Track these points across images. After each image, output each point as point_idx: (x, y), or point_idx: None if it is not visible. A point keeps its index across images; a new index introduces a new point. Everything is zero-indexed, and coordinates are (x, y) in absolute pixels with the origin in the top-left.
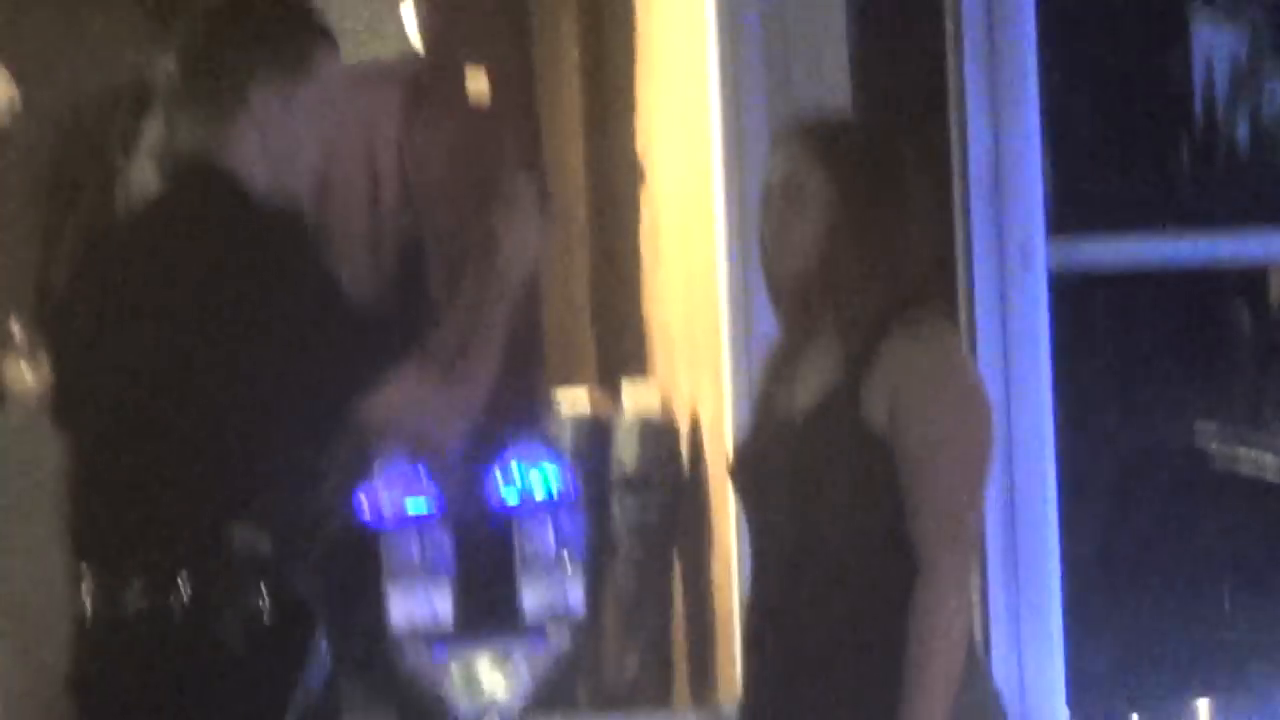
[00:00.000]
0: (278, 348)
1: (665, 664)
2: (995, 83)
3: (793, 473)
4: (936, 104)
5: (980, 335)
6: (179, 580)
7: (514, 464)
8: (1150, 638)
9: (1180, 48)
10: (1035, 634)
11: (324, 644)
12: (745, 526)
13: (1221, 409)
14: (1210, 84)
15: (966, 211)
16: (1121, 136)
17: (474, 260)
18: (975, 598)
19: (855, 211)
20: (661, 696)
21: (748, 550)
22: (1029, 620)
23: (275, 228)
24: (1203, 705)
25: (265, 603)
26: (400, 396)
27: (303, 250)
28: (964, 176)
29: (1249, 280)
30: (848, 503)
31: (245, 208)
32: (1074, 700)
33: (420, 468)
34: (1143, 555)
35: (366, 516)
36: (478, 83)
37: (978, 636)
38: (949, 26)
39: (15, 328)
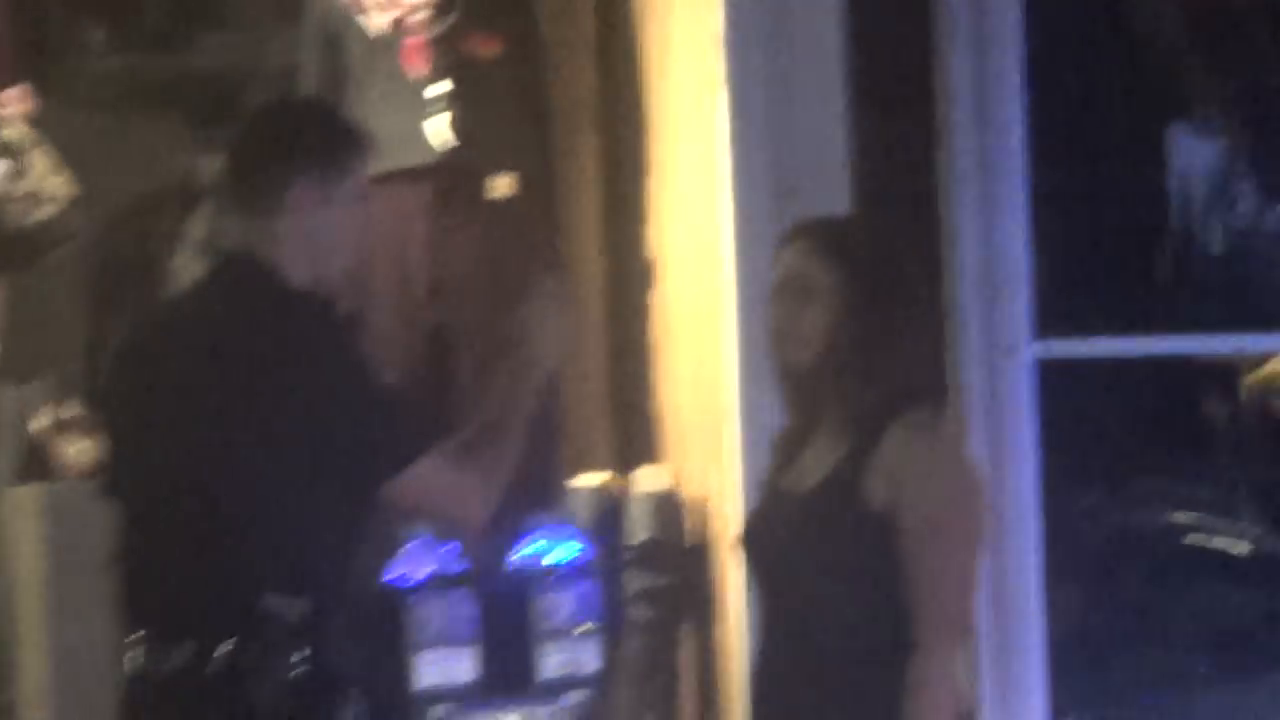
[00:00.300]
0: (313, 429)
1: None
2: (987, 192)
3: (797, 547)
4: (932, 209)
5: (973, 425)
6: (220, 644)
7: (535, 538)
8: (1132, 710)
9: (1158, 161)
10: (1022, 708)
11: (355, 707)
12: (751, 597)
13: (1196, 495)
14: (1186, 194)
15: (960, 310)
16: (1105, 243)
17: (502, 354)
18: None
19: (858, 307)
20: None
21: (753, 620)
22: (1015, 695)
23: (311, 316)
24: None
25: (299, 667)
26: (430, 479)
27: (337, 338)
28: (957, 278)
29: (1222, 376)
30: (848, 579)
31: (283, 297)
32: None
33: (448, 541)
34: (1121, 631)
35: (397, 586)
36: (502, 187)
37: (971, 709)
38: (943, 138)
39: (69, 409)
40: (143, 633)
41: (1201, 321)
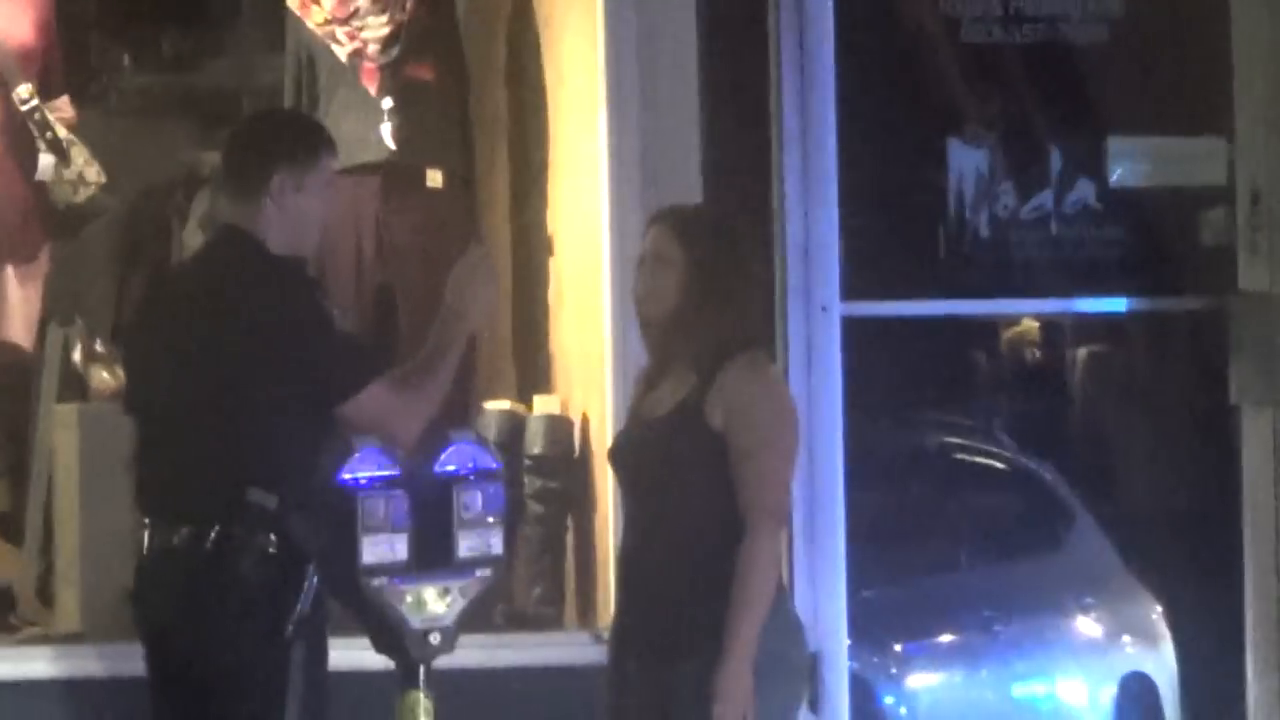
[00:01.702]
0: (285, 362)
1: (559, 595)
2: (808, 185)
3: (654, 459)
4: (765, 199)
5: (792, 365)
6: (213, 527)
7: (454, 448)
8: (911, 587)
9: (940, 163)
10: (825, 579)
11: (314, 575)
12: (619, 496)
13: (964, 423)
14: (961, 190)
15: (784, 277)
16: (898, 225)
17: (436, 307)
18: (783, 551)
19: (702, 274)
20: (556, 619)
21: (620, 513)
22: (821, 569)
23: (286, 275)
24: (947, 636)
25: (272, 545)
26: (375, 402)
27: (306, 291)
28: (783, 251)
29: (986, 332)
30: (693, 482)
31: (264, 261)
32: (852, 630)
33: (388, 450)
34: (904, 524)
35: (349, 485)
36: (435, 179)
37: (785, 581)
38: (774, 142)
39: (99, 345)
40: (153, 518)
41: (972, 289)
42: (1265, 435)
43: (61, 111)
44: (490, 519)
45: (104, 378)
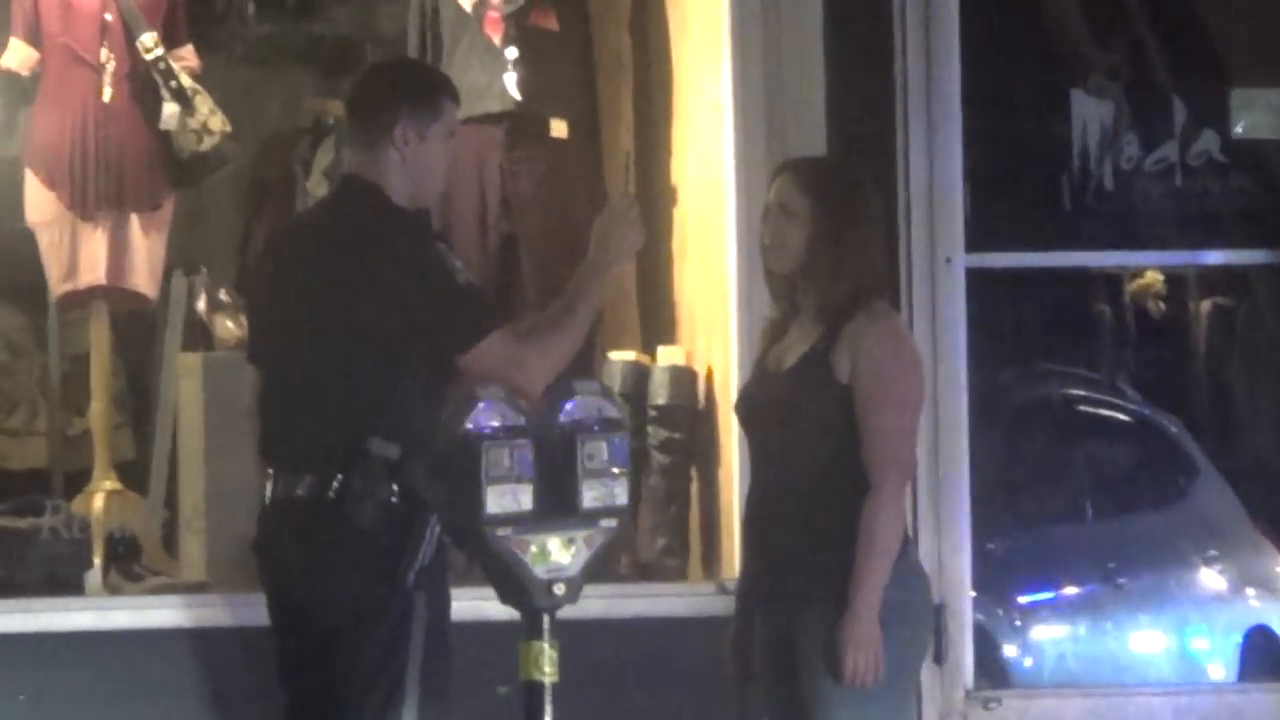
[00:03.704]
0: (407, 311)
1: (684, 546)
2: (931, 136)
3: (780, 411)
4: (888, 150)
5: (917, 317)
6: (334, 476)
7: (579, 398)
8: (1034, 539)
9: (1064, 114)
10: (950, 531)
11: (435, 525)
12: (744, 448)
13: (1089, 375)
14: (1085, 141)
15: (909, 228)
16: (1022, 177)
17: (565, 256)
18: (908, 503)
19: (828, 226)
20: (680, 570)
21: (745, 464)
22: (946, 521)
23: (409, 225)
24: (1071, 588)
25: (394, 494)
26: (498, 353)
27: (429, 241)
28: (907, 204)
29: (1110, 284)
30: (819, 434)
31: (388, 210)
32: (977, 582)
33: (512, 400)
34: (1029, 477)
35: (473, 433)
36: (559, 128)
37: (910, 533)
38: (898, 93)
39: (223, 294)
40: (277, 468)
41: (1096, 241)
42: None
43: (186, 60)
44: (615, 469)
45: (228, 327)
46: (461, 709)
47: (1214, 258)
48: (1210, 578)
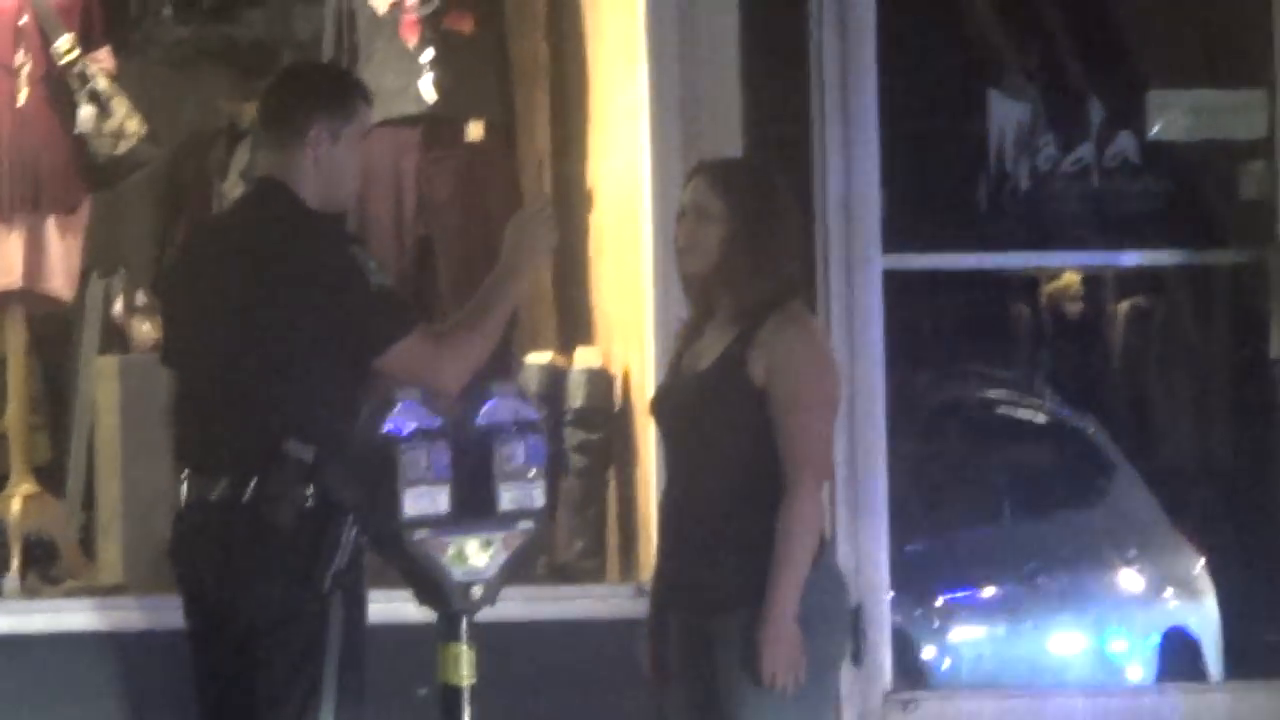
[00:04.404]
0: (323, 314)
1: (601, 548)
2: (847, 137)
3: (696, 413)
4: (805, 152)
5: (834, 318)
6: (250, 479)
7: (496, 400)
8: (952, 540)
9: (980, 115)
10: (868, 533)
11: (353, 528)
12: (661, 450)
13: (1006, 376)
14: (1001, 142)
15: (825, 230)
16: (939, 178)
17: (481, 258)
18: (826, 505)
19: (744, 227)
20: (597, 572)
21: (662, 466)
22: (864, 522)
23: (323, 227)
24: (989, 589)
25: (310, 497)
26: (414, 354)
27: (343, 244)
28: (824, 205)
29: (1027, 285)
30: (735, 436)
31: (302, 213)
32: (895, 583)
33: (429, 401)
34: (947, 478)
35: (389, 436)
36: (474, 131)
37: (827, 534)
38: (814, 95)
39: (140, 296)
40: (192, 470)
41: (1013, 242)
42: None
43: (102, 62)
44: (532, 471)
45: (145, 329)
46: (380, 712)
47: (1131, 259)
48: (1128, 578)
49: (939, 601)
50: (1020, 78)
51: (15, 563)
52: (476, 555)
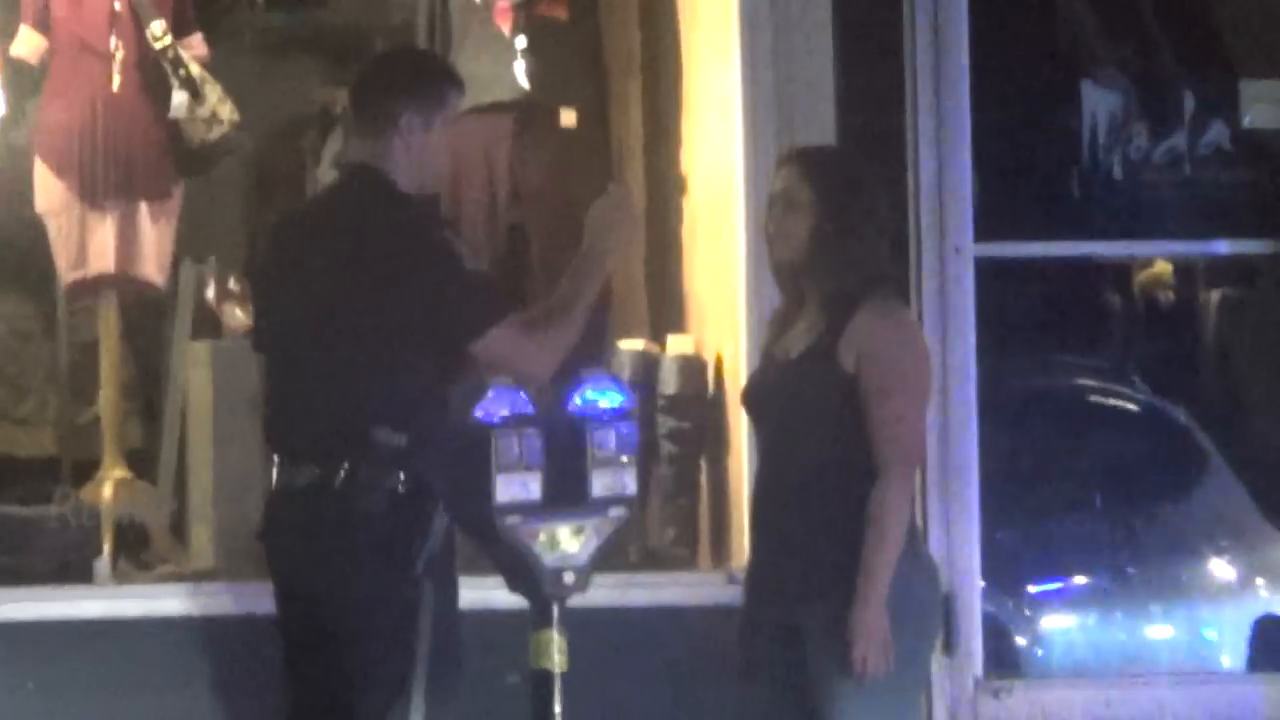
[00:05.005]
0: (414, 299)
1: (692, 535)
2: (940, 126)
3: (787, 402)
4: (898, 141)
5: (926, 307)
6: (341, 465)
7: (588, 387)
8: (1044, 529)
9: (1073, 105)
10: (959, 521)
11: (444, 515)
12: (753, 438)
13: (1099, 365)
14: (1094, 132)
15: (918, 218)
16: (1032, 167)
17: (571, 247)
18: (917, 493)
19: (833, 217)
20: (689, 559)
21: (754, 454)
22: (955, 511)
23: (415, 212)
24: (1080, 578)
25: (400, 483)
26: (505, 342)
27: (435, 230)
28: (916, 194)
29: (1119, 274)
30: (826, 424)
31: (394, 199)
32: (986, 572)
33: (521, 389)
34: (1037, 467)
35: (481, 422)
36: (568, 118)
37: (918, 523)
38: (908, 84)
39: (232, 282)
40: (282, 456)
41: (1105, 231)
42: None
43: (194, 49)
44: (624, 458)
45: (237, 315)
46: (471, 699)
47: (1222, 248)
48: (1219, 568)
49: (1030, 591)
50: (1113, 67)
51: (107, 548)
52: (568, 541)
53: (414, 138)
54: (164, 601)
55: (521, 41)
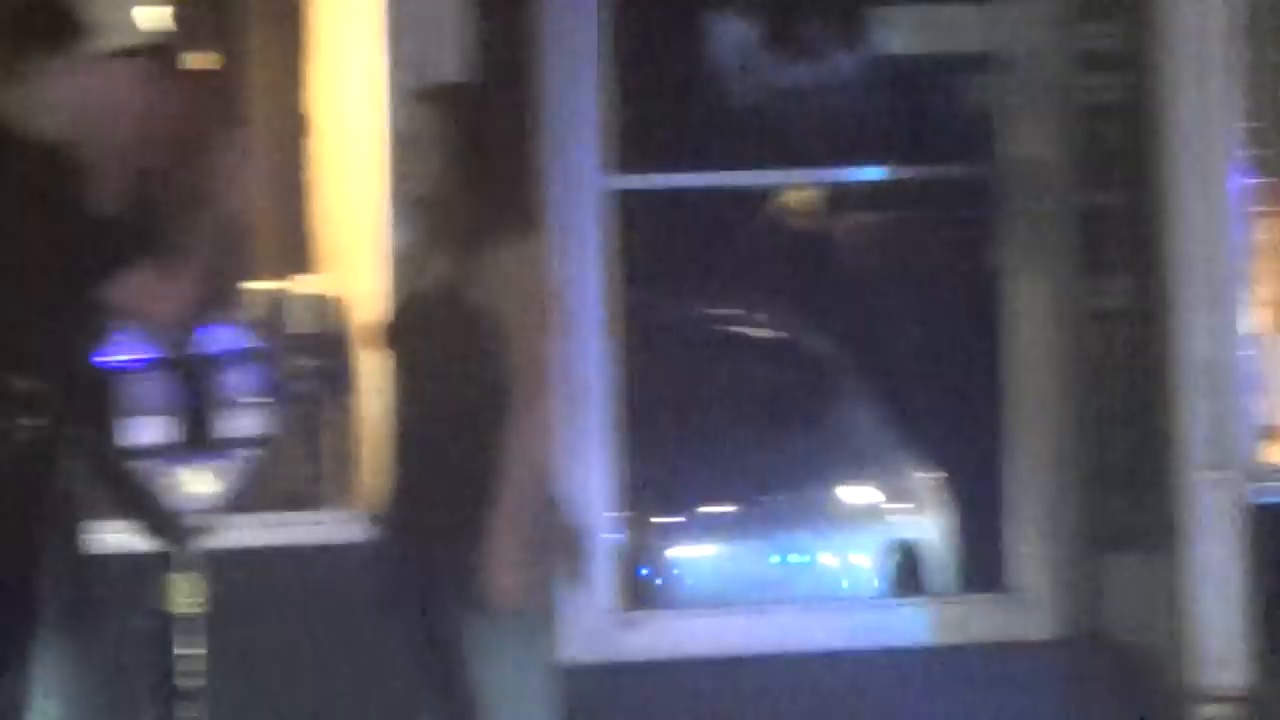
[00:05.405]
0: (44, 244)
1: (326, 474)
2: (570, 56)
3: (422, 338)
4: (527, 80)
5: (557, 240)
6: None
7: (216, 330)
8: (679, 460)
9: (711, 34)
10: (589, 454)
11: (73, 458)
12: (387, 376)
13: (737, 294)
14: (731, 60)
15: (549, 151)
16: (668, 97)
17: (200, 190)
18: (549, 426)
19: (466, 152)
20: (316, 500)
21: (389, 392)
22: (584, 445)
23: (41, 159)
24: (715, 508)
25: (28, 428)
26: (134, 286)
27: (65, 180)
28: (548, 128)
29: (756, 204)
30: (461, 360)
31: (24, 145)
32: (618, 503)
33: (150, 332)
34: (674, 397)
35: (111, 367)
36: (199, 62)
37: (550, 455)
38: (538, 26)
39: None
40: None
41: (744, 160)
42: (1030, 303)
43: None
44: (252, 399)
45: None
46: (106, 642)
47: (860, 175)
48: (852, 495)
49: (663, 521)
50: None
51: None
52: (200, 483)
53: (41, 85)
54: None
55: None
